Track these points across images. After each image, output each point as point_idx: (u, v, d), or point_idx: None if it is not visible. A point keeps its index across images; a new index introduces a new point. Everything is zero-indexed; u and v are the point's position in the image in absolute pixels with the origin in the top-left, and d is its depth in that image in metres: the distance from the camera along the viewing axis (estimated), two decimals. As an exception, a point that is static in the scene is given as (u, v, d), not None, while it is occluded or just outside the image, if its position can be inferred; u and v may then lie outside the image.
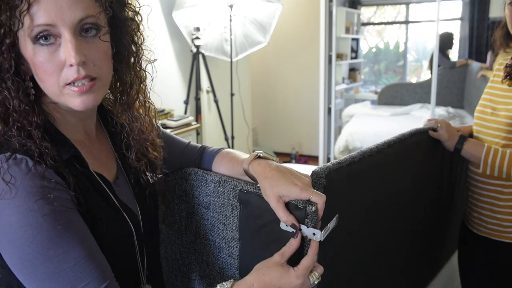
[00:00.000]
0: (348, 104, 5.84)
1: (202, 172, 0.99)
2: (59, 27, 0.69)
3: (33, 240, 0.67)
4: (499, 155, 1.36)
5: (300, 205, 0.78)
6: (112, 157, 0.91)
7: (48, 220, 0.68)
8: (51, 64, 0.71)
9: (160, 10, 3.36)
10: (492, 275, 1.52)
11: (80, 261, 0.70)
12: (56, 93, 0.74)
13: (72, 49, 0.70)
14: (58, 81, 0.72)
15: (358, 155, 1.05)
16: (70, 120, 0.81)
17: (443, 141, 1.45)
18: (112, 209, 0.81)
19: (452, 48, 5.35)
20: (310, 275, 0.79)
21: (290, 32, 5.54)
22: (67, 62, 0.71)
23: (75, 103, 0.74)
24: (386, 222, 1.27)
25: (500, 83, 1.44)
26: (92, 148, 0.86)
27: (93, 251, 0.73)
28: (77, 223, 0.72)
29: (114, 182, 0.86)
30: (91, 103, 0.75)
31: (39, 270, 0.69)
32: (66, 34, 0.70)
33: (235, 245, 0.95)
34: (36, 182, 0.68)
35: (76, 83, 0.72)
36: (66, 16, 0.69)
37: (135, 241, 0.85)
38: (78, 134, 0.83)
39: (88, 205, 0.75)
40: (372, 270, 1.26)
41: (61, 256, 0.69)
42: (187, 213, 1.04)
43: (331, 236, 0.82)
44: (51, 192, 0.69)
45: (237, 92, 3.90)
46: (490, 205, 1.46)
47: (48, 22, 0.69)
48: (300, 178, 0.80)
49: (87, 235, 0.73)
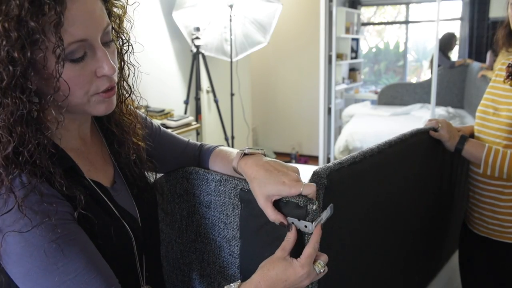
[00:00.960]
0: (348, 104, 5.85)
1: (203, 171, 0.99)
2: (91, 40, 0.68)
3: (31, 255, 0.67)
4: (500, 155, 1.35)
5: (301, 204, 0.78)
6: (108, 160, 0.90)
7: (45, 234, 0.67)
8: (82, 78, 0.69)
9: (160, 10, 3.36)
10: (493, 275, 1.52)
11: (81, 272, 0.69)
12: (82, 103, 0.72)
13: (106, 61, 0.69)
14: (88, 91, 0.71)
15: (359, 155, 1.05)
16: (69, 128, 0.79)
17: (444, 141, 1.45)
18: (111, 218, 0.80)
19: (454, 49, 5.35)
20: (315, 264, 0.79)
21: (290, 32, 5.54)
22: (100, 73, 0.70)
23: (101, 109, 0.74)
24: (386, 222, 1.27)
25: (502, 83, 1.43)
26: (88, 154, 0.84)
27: (95, 260, 0.72)
28: (76, 234, 0.71)
29: (111, 187, 0.85)
30: (113, 106, 0.76)
31: (42, 284, 0.68)
32: (97, 46, 0.69)
33: (236, 244, 0.95)
34: (33, 197, 0.67)
35: (104, 90, 0.72)
36: (96, 27, 0.68)
37: (134, 248, 0.84)
38: (74, 141, 0.81)
39: (86, 215, 0.74)
40: (372, 269, 1.26)
41: (61, 269, 0.68)
42: (188, 212, 1.04)
43: (332, 235, 0.82)
44: (48, 206, 0.68)
45: (237, 92, 3.90)
46: (491, 206, 1.46)
47: (83, 37, 0.66)
48: (287, 175, 0.80)
49: (87, 245, 0.72)
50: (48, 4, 0.61)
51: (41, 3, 0.61)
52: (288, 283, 0.77)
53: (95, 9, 0.68)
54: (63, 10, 0.63)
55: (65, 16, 0.63)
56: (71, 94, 0.69)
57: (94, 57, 0.69)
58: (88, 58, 0.69)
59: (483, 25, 5.18)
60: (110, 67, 0.70)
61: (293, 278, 0.77)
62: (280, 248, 0.80)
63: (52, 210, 0.68)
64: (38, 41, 0.63)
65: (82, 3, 0.66)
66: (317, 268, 0.79)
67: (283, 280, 0.77)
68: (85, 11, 0.66)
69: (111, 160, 0.90)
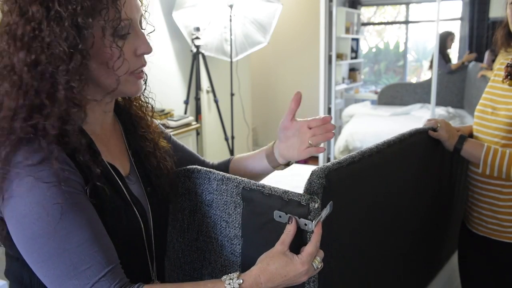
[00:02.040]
0: (348, 104, 5.85)
1: (205, 170, 0.99)
2: (134, 21, 0.77)
3: (39, 218, 0.69)
4: (499, 155, 1.36)
5: (303, 202, 0.78)
6: (125, 154, 0.92)
7: (54, 197, 0.69)
8: (123, 54, 0.75)
9: (160, 10, 3.37)
10: (492, 275, 1.52)
11: (84, 243, 0.70)
12: (119, 80, 0.77)
13: (145, 40, 0.78)
14: (128, 69, 0.77)
15: (358, 155, 1.05)
16: (95, 112, 0.82)
17: (443, 141, 1.45)
18: (123, 202, 0.82)
19: (451, 47, 5.33)
20: (313, 261, 0.80)
21: (290, 32, 5.54)
22: (139, 52, 0.78)
23: (133, 89, 0.81)
24: (385, 221, 1.27)
25: (501, 82, 1.44)
26: (107, 142, 0.87)
27: (99, 235, 0.73)
28: (84, 205, 0.73)
29: (126, 177, 0.87)
30: (142, 87, 0.84)
31: (43, 249, 0.69)
32: (138, 27, 0.77)
33: (237, 243, 0.95)
34: (46, 162, 0.70)
35: (137, 71, 0.80)
36: (138, 9, 0.78)
37: (144, 236, 0.86)
38: (96, 127, 0.85)
39: (98, 193, 0.76)
40: (371, 269, 1.26)
41: (64, 237, 0.69)
42: (190, 211, 1.05)
43: (331, 235, 0.83)
44: (61, 173, 0.70)
45: (237, 92, 3.90)
46: (490, 205, 1.46)
47: (131, 17, 0.75)
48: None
49: (94, 219, 0.74)
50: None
51: None
52: (287, 279, 0.78)
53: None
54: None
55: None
56: (113, 70, 0.75)
57: (135, 36, 0.77)
58: (130, 37, 0.77)
59: (483, 25, 5.18)
60: (149, 46, 0.78)
61: (292, 274, 0.78)
62: (280, 241, 0.80)
63: (64, 177, 0.70)
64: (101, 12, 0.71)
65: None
66: (314, 264, 0.80)
67: (283, 276, 0.78)
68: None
69: (127, 154, 0.92)
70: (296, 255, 0.79)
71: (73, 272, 0.70)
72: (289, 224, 0.80)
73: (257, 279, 0.77)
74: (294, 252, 0.80)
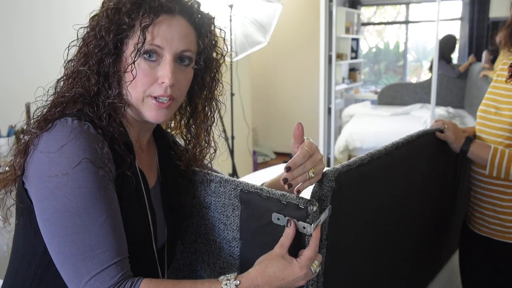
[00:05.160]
0: (348, 104, 5.84)
1: (202, 172, 0.99)
2: (165, 50, 0.82)
3: (71, 192, 0.72)
4: (506, 156, 1.34)
5: (301, 205, 0.77)
6: (154, 171, 0.96)
7: (91, 180, 0.73)
8: (146, 76, 0.82)
9: (160, 9, 3.36)
10: (493, 276, 1.52)
11: (105, 227, 0.74)
12: (139, 99, 0.83)
13: (169, 71, 0.81)
14: (144, 90, 0.82)
15: (367, 157, 1.05)
16: (133, 125, 0.89)
17: (450, 142, 1.44)
18: (139, 206, 0.85)
19: (454, 51, 5.32)
20: (311, 265, 0.79)
21: (290, 32, 5.54)
22: (161, 80, 0.82)
23: (151, 114, 0.84)
24: (391, 223, 1.26)
25: (504, 82, 1.43)
26: (139, 154, 0.91)
27: (118, 226, 0.76)
28: (112, 195, 0.77)
29: (151, 189, 0.92)
30: (163, 118, 0.85)
31: (65, 223, 0.72)
32: (168, 58, 0.82)
33: (236, 245, 0.94)
34: (92, 144, 0.74)
35: (159, 99, 0.83)
36: (174, 44, 0.82)
37: (154, 248, 0.89)
38: (132, 139, 0.88)
39: (122, 187, 0.80)
40: (373, 270, 1.26)
41: (90, 216, 0.73)
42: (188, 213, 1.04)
43: (338, 236, 0.82)
44: (101, 158, 0.75)
45: (237, 92, 3.89)
46: (493, 206, 1.45)
47: (160, 44, 0.81)
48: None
49: (117, 208, 0.78)
50: (145, 9, 0.80)
51: (140, 6, 0.80)
52: (285, 282, 0.78)
53: (180, 31, 0.84)
54: (154, 18, 0.80)
55: (154, 22, 0.80)
56: (132, 86, 0.82)
57: (162, 65, 0.82)
58: (157, 64, 0.83)
59: (483, 25, 5.18)
60: (169, 78, 0.81)
61: (290, 278, 0.77)
62: (279, 244, 0.80)
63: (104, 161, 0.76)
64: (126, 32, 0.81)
65: (170, 21, 0.82)
66: (312, 269, 0.80)
67: (281, 279, 0.77)
68: (170, 27, 0.82)
69: (157, 174, 0.97)
70: (295, 259, 0.78)
71: (89, 253, 0.72)
72: (288, 227, 0.80)
73: (254, 281, 0.77)
74: (291, 255, 0.79)
